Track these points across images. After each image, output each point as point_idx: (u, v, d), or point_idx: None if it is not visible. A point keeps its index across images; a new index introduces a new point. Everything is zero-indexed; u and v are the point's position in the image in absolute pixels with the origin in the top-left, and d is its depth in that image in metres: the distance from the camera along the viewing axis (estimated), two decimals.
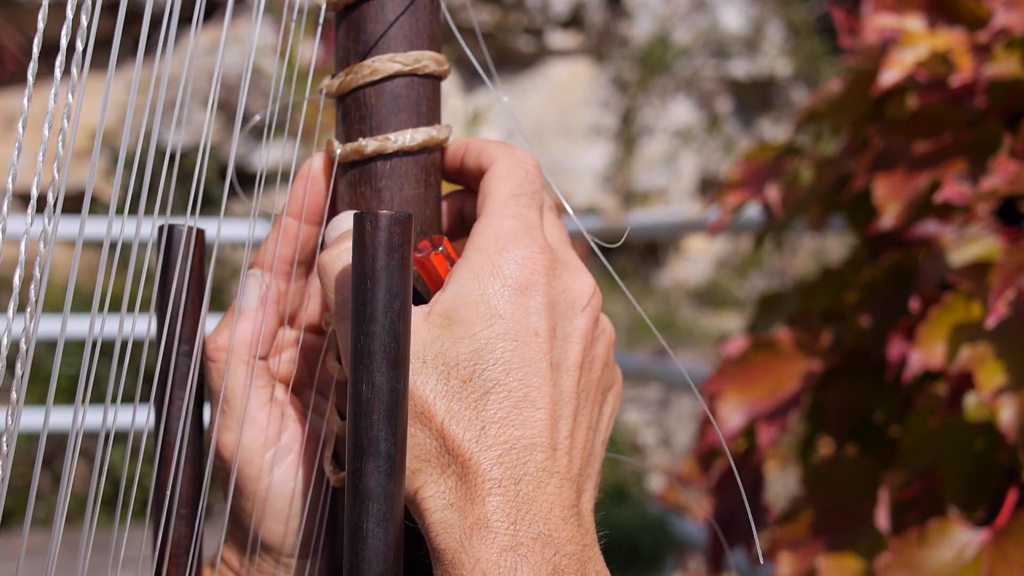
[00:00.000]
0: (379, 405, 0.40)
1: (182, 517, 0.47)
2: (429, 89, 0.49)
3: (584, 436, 0.46)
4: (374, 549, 0.39)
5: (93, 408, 0.65)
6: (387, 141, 0.48)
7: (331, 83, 0.49)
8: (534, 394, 0.44)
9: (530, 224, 0.47)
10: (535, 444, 0.43)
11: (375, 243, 0.40)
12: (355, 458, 0.40)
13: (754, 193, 1.34)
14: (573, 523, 0.43)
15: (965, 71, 1.07)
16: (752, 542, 1.24)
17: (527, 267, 0.45)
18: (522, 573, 0.40)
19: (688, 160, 5.90)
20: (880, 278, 1.12)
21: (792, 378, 1.15)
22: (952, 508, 0.94)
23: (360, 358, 0.40)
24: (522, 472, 0.42)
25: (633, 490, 3.85)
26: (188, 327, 0.47)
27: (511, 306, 0.45)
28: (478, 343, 0.44)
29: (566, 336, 0.46)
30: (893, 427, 1.14)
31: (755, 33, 5.87)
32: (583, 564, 0.42)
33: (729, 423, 1.15)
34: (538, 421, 0.44)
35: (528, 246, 0.46)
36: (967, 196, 1.01)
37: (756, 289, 5.47)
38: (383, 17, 0.48)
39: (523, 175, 0.49)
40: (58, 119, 0.38)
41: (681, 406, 4.60)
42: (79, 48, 0.37)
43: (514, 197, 0.48)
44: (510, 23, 5.53)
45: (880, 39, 1.18)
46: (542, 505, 0.42)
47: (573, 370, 0.46)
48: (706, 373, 1.29)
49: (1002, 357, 0.91)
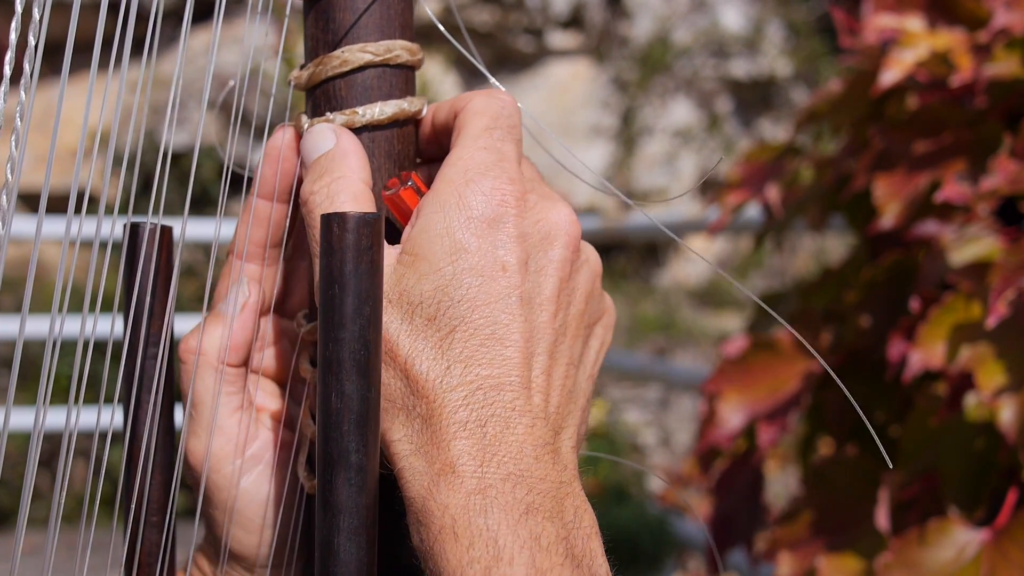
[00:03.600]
0: (349, 415, 0.38)
1: (152, 524, 0.45)
2: (402, 79, 0.47)
3: (563, 372, 0.44)
4: (346, 564, 0.38)
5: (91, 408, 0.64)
6: (355, 115, 0.46)
7: (300, 74, 0.48)
8: (502, 331, 0.42)
9: (503, 156, 0.45)
10: (503, 383, 0.41)
11: (343, 246, 0.38)
12: (325, 470, 0.38)
13: (754, 193, 1.34)
14: (547, 461, 0.41)
15: (965, 71, 1.07)
16: (751, 542, 1.24)
17: (495, 198, 0.43)
18: (492, 514, 0.38)
19: (688, 160, 5.90)
20: (880, 278, 1.12)
21: (792, 378, 1.15)
22: (952, 508, 0.94)
23: (329, 366, 0.38)
24: (489, 413, 0.41)
25: (633, 490, 3.84)
26: (155, 329, 0.45)
27: (477, 239, 0.43)
28: (443, 279, 0.42)
29: (539, 269, 0.44)
30: (893, 427, 1.14)
31: (755, 33, 5.87)
32: (559, 501, 0.40)
33: (729, 423, 1.15)
34: (507, 359, 0.42)
35: (498, 177, 0.44)
36: (967, 196, 1.01)
37: (756, 289, 5.47)
38: (353, 6, 0.46)
39: (499, 109, 0.47)
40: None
41: (681, 406, 4.60)
42: (37, 48, 0.37)
43: (487, 130, 0.46)
44: (510, 23, 5.53)
45: (880, 39, 1.18)
46: (511, 445, 0.40)
47: (548, 304, 0.44)
48: (706, 373, 1.29)
49: (1002, 357, 0.91)
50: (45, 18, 0.36)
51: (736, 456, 1.28)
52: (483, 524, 0.38)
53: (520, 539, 0.38)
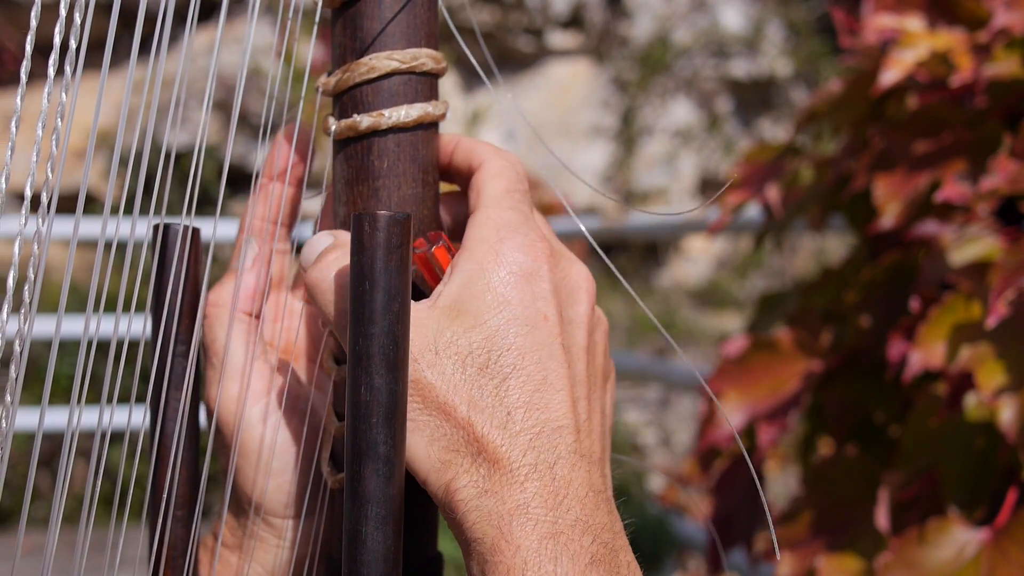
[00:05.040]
0: (378, 408, 0.39)
1: (178, 519, 0.47)
2: (427, 86, 0.49)
3: (599, 419, 0.46)
4: (373, 553, 0.39)
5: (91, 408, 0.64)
6: (381, 117, 0.47)
7: (327, 81, 0.49)
8: (552, 376, 0.44)
9: (525, 216, 0.48)
10: (563, 426, 0.43)
11: (374, 244, 0.39)
12: (354, 461, 0.39)
13: (754, 193, 1.34)
14: (604, 509, 0.42)
15: (965, 71, 1.07)
16: (751, 542, 1.24)
17: (530, 254, 0.45)
18: (562, 563, 0.40)
19: (688, 160, 5.89)
20: (880, 278, 1.12)
21: (792, 378, 1.15)
22: (952, 508, 0.94)
23: (359, 360, 0.39)
24: (555, 456, 0.42)
25: (633, 490, 3.84)
26: (184, 327, 0.47)
27: (518, 292, 0.44)
28: (489, 330, 0.44)
29: (571, 321, 0.46)
30: (893, 427, 1.14)
31: (755, 33, 5.87)
32: (615, 553, 0.41)
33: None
34: (560, 403, 0.43)
35: (528, 235, 0.46)
36: (967, 196, 1.01)
37: (756, 289, 5.47)
38: (380, 14, 0.47)
39: (514, 175, 0.49)
40: (51, 118, 0.37)
41: (681, 406, 4.60)
42: (73, 47, 0.37)
43: (509, 192, 0.48)
44: (510, 23, 5.52)
45: (880, 39, 1.18)
46: (578, 489, 0.42)
47: (582, 354, 0.46)
48: (706, 373, 1.29)
49: (1002, 357, 0.91)
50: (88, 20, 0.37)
51: (736, 456, 1.28)
52: (553, 570, 0.39)
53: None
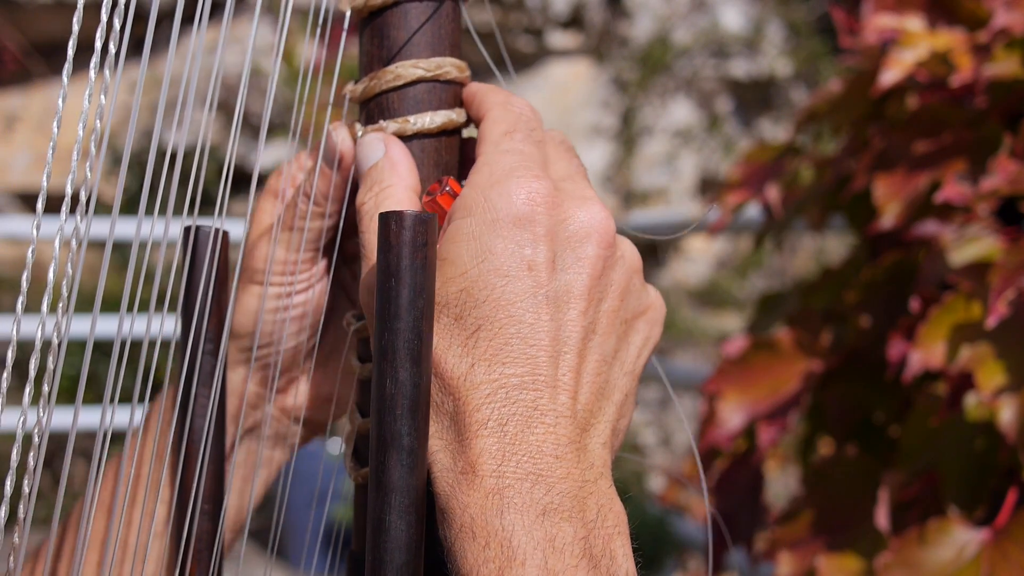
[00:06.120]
0: (402, 400, 0.40)
1: (205, 512, 0.48)
2: (450, 94, 0.51)
3: (594, 369, 0.44)
4: (396, 540, 0.40)
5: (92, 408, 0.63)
6: (406, 123, 0.49)
7: (355, 88, 0.51)
8: (527, 330, 0.42)
9: (526, 156, 0.46)
10: (525, 383, 0.42)
11: (400, 242, 0.41)
12: (378, 452, 0.41)
13: (754, 193, 1.34)
14: (570, 460, 0.41)
15: (965, 71, 1.07)
16: (751, 542, 1.24)
17: (521, 198, 0.44)
18: (508, 515, 0.39)
19: (688, 160, 5.90)
20: (880, 278, 1.12)
21: (792, 378, 1.15)
22: (952, 508, 0.94)
23: (384, 354, 0.41)
24: (510, 412, 0.41)
25: (633, 490, 3.85)
26: (212, 326, 0.49)
27: (503, 240, 0.43)
28: (467, 280, 0.43)
29: (568, 266, 0.44)
30: (893, 427, 1.14)
31: (755, 33, 5.87)
32: (581, 500, 0.41)
33: (729, 423, 1.15)
34: (531, 357, 0.42)
35: (522, 177, 0.45)
36: (967, 196, 1.01)
37: (756, 289, 5.47)
38: (407, 24, 0.49)
39: (516, 115, 0.49)
40: (89, 117, 0.38)
41: (681, 406, 4.60)
42: (100, 47, 0.37)
43: (507, 134, 0.48)
44: (510, 23, 5.53)
45: (880, 39, 1.18)
46: (530, 445, 0.41)
47: (578, 300, 0.44)
48: (706, 373, 1.29)
49: (1002, 357, 0.91)
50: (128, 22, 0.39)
51: (736, 456, 1.28)
52: (499, 525, 0.39)
53: (534, 540, 0.39)
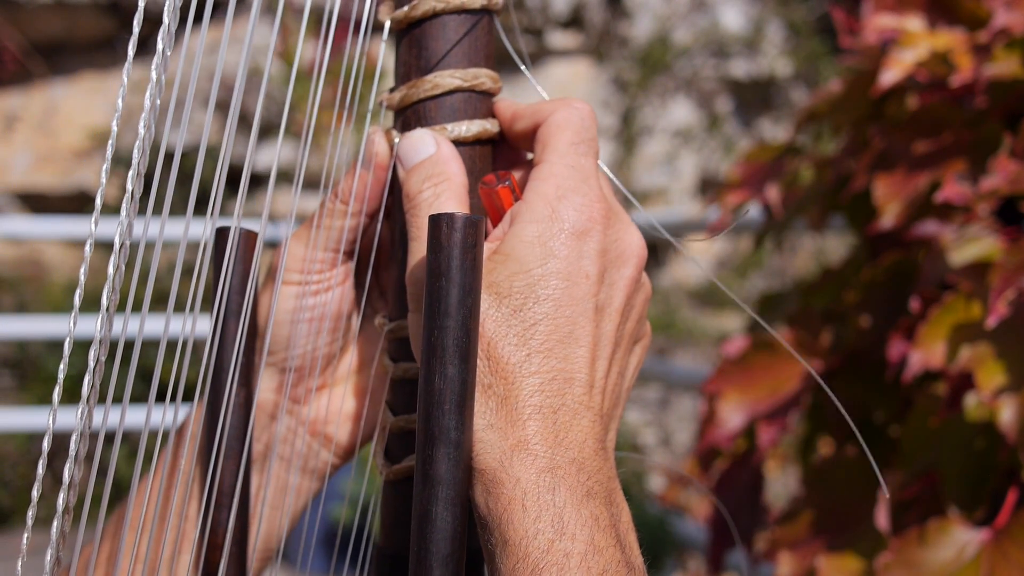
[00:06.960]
0: (451, 396, 0.42)
1: (226, 507, 0.50)
2: (485, 104, 0.52)
3: (616, 379, 0.49)
4: (442, 531, 0.41)
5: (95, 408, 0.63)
6: (443, 131, 0.51)
7: (392, 96, 0.52)
8: (578, 331, 0.46)
9: (587, 173, 0.50)
10: (574, 379, 0.46)
11: (450, 243, 0.42)
12: (426, 445, 0.42)
13: (754, 193, 1.34)
14: (602, 456, 0.45)
15: (965, 71, 1.07)
16: (751, 542, 1.24)
17: (585, 214, 0.48)
18: (560, 492, 0.42)
19: (688, 160, 5.89)
20: (880, 278, 1.12)
21: (792, 378, 1.15)
22: (952, 508, 0.94)
23: (433, 351, 0.42)
24: (560, 402, 0.45)
25: (633, 490, 3.84)
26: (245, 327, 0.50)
27: (566, 249, 0.47)
28: (532, 278, 0.46)
29: (612, 283, 0.48)
30: (893, 427, 1.14)
31: (755, 33, 5.86)
32: (611, 493, 0.44)
33: (729, 423, 1.15)
34: (579, 357, 0.46)
35: (587, 194, 0.48)
36: (967, 196, 1.01)
37: (756, 289, 5.47)
38: (445, 35, 0.51)
39: (580, 123, 0.51)
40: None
41: (681, 406, 4.60)
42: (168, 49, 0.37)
43: (573, 145, 0.50)
44: (510, 23, 5.52)
45: (880, 39, 1.18)
46: (577, 435, 0.44)
47: (615, 315, 0.48)
48: (706, 373, 1.29)
49: (1002, 357, 0.91)
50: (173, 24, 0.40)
51: (736, 456, 1.28)
52: (551, 500, 0.42)
53: (582, 518, 0.42)
